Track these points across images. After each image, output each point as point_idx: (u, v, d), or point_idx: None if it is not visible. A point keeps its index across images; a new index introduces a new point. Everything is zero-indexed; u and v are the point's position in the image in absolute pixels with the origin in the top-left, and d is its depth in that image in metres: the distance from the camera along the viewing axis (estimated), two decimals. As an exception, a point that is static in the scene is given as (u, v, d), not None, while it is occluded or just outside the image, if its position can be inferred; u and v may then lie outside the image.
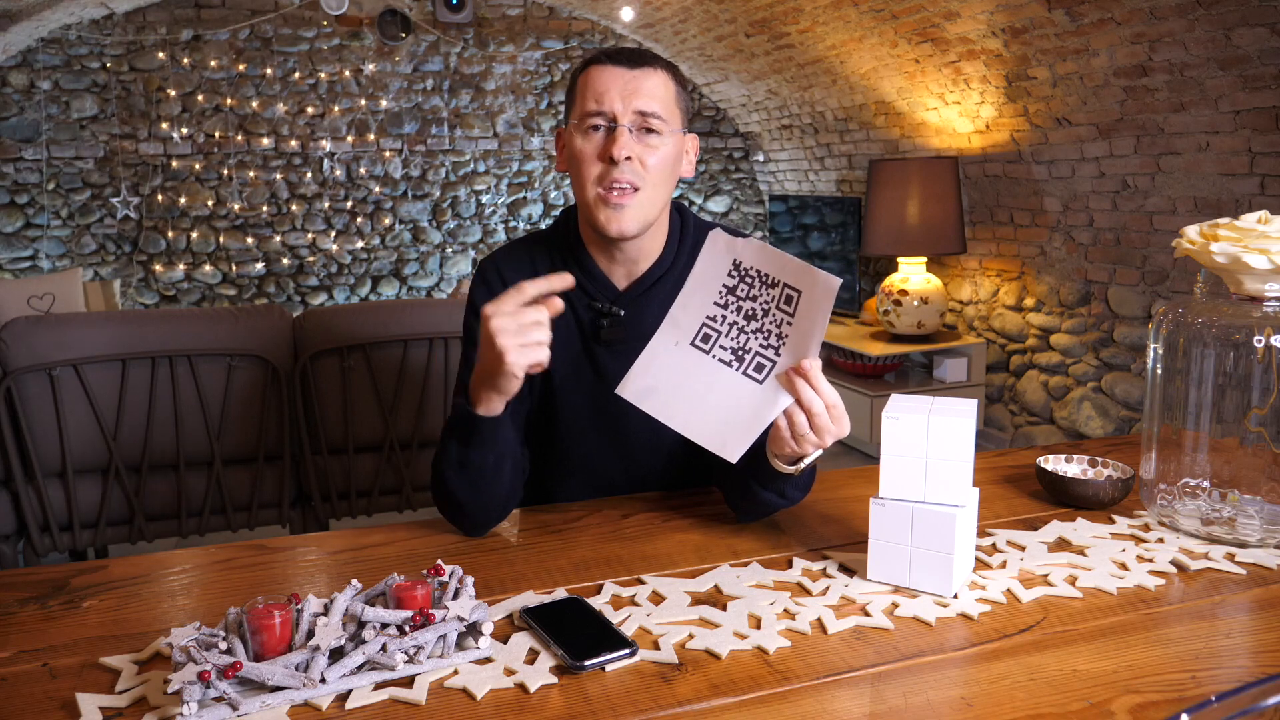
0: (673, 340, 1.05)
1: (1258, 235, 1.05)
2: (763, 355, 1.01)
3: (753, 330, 1.02)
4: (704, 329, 1.04)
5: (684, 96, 1.25)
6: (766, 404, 1.00)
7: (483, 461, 1.13)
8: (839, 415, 1.02)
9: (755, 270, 1.02)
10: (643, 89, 1.18)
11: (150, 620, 0.95)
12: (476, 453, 1.13)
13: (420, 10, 5.39)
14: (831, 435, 1.02)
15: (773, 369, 1.01)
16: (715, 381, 1.02)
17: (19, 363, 2.20)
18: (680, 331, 1.05)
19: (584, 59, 1.24)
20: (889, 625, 0.92)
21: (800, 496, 1.18)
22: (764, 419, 1.00)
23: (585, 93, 1.20)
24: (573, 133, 1.21)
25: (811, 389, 0.99)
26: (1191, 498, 1.15)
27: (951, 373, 4.28)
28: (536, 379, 1.30)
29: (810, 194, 5.52)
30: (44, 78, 4.89)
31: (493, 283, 1.29)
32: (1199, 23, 2.77)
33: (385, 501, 2.59)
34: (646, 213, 1.21)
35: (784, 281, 1.00)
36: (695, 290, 1.05)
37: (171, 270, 5.25)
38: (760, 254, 1.02)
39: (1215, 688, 0.81)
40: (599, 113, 1.18)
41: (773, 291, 1.01)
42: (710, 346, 1.04)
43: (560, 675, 0.83)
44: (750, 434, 1.00)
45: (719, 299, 1.04)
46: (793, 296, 0.99)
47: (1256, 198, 2.96)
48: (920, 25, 3.76)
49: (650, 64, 1.20)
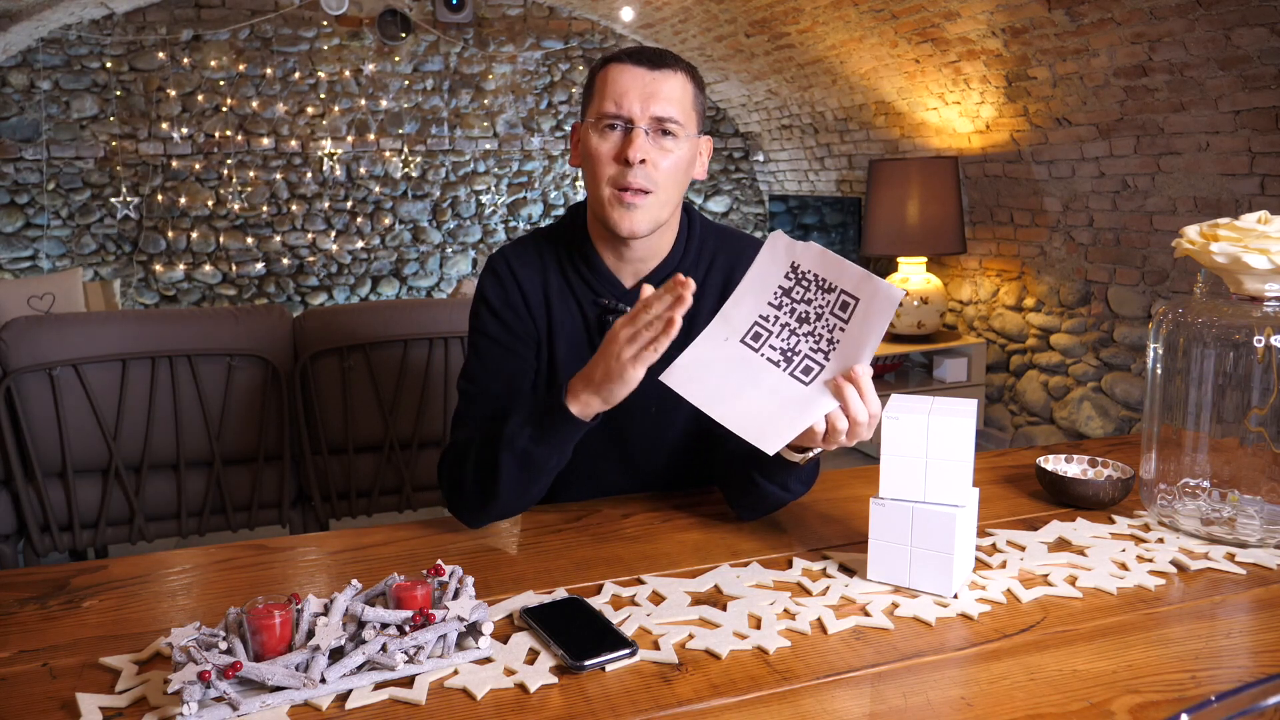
0: (723, 336, 1.05)
1: (1258, 235, 1.05)
2: (811, 359, 1.01)
3: (804, 333, 1.02)
4: (755, 327, 1.04)
5: (701, 100, 1.25)
6: (810, 405, 1.00)
7: (546, 460, 1.12)
8: (875, 425, 1.02)
9: (814, 274, 1.02)
10: (661, 92, 1.18)
11: (150, 620, 0.95)
12: (547, 449, 1.12)
13: (420, 10, 5.39)
14: (860, 440, 1.02)
15: (820, 373, 1.00)
16: (760, 378, 1.02)
17: (19, 363, 2.20)
18: (730, 328, 1.05)
19: (605, 56, 1.24)
20: (889, 625, 0.92)
21: (801, 491, 1.18)
22: (806, 419, 1.00)
23: (604, 92, 1.20)
24: (589, 130, 1.22)
25: (860, 399, 0.99)
26: (1191, 498, 1.15)
27: (951, 373, 4.28)
28: (542, 375, 1.31)
29: (810, 194, 5.52)
30: (44, 78, 4.89)
31: (502, 275, 1.29)
32: (1199, 23, 2.77)
33: (385, 501, 2.59)
34: (658, 214, 1.21)
35: (842, 288, 1.00)
36: (750, 289, 1.05)
37: (171, 270, 5.25)
38: (821, 259, 1.02)
39: (1215, 688, 0.81)
40: (616, 114, 1.18)
41: (829, 297, 1.01)
42: (760, 345, 1.04)
43: (560, 675, 0.83)
44: (791, 431, 0.99)
45: (773, 299, 1.04)
46: (849, 304, 0.99)
47: (1256, 198, 2.96)
48: (920, 25, 3.76)
49: (670, 66, 1.21)
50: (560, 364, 1.29)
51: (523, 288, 1.28)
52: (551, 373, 1.30)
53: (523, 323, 1.28)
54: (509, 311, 1.27)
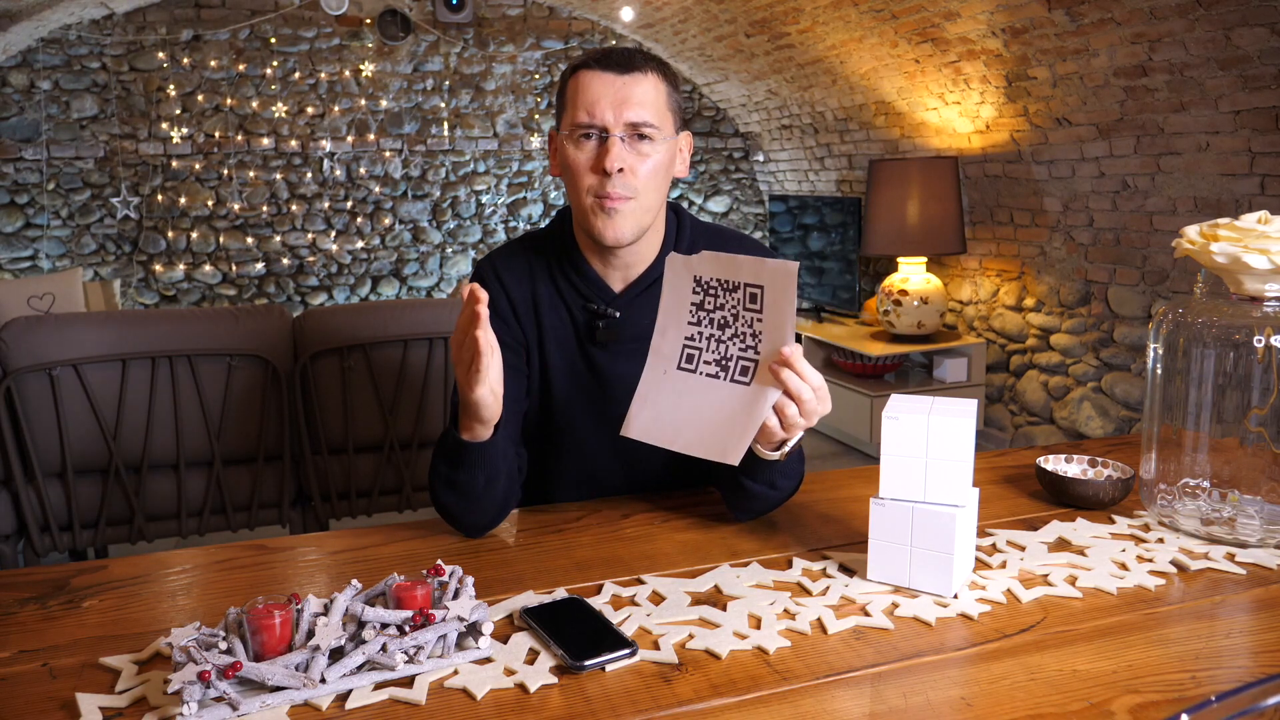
0: (661, 369, 1.07)
1: (1258, 235, 1.05)
2: (744, 358, 1.03)
3: (729, 338, 1.04)
4: (686, 350, 1.06)
5: (675, 97, 1.23)
6: (756, 402, 1.01)
7: (471, 481, 1.13)
8: (824, 395, 1.02)
9: (714, 280, 1.04)
10: (633, 97, 1.17)
11: (150, 620, 0.95)
12: (465, 473, 1.13)
13: (420, 10, 5.39)
14: (819, 415, 1.03)
15: (756, 368, 1.02)
16: (708, 396, 1.04)
17: (19, 363, 2.20)
18: (664, 360, 1.07)
19: (573, 63, 1.22)
20: (889, 625, 0.92)
21: (791, 486, 1.18)
22: (757, 418, 1.01)
23: (576, 101, 1.18)
24: (564, 141, 1.20)
25: (797, 376, 0.99)
26: (1191, 498, 1.15)
27: (951, 373, 4.29)
28: (535, 380, 1.31)
29: (810, 194, 5.52)
30: (44, 78, 4.89)
31: (489, 283, 1.29)
32: (1199, 23, 2.77)
33: (385, 501, 2.59)
34: (641, 219, 1.21)
35: (743, 282, 1.02)
36: (669, 316, 1.08)
37: (171, 270, 5.25)
38: (714, 263, 1.04)
39: (1215, 688, 0.81)
40: (590, 124, 1.17)
41: (736, 295, 1.03)
42: (695, 365, 1.06)
43: (560, 675, 0.83)
44: (747, 435, 1.01)
45: (691, 318, 1.06)
46: (756, 294, 1.01)
47: (1256, 198, 2.96)
48: (920, 25, 3.76)
49: (640, 67, 1.19)
50: (553, 370, 1.29)
51: (510, 295, 1.28)
52: (545, 379, 1.30)
53: (510, 330, 1.28)
54: (496, 320, 1.26)
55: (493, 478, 1.14)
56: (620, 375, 1.27)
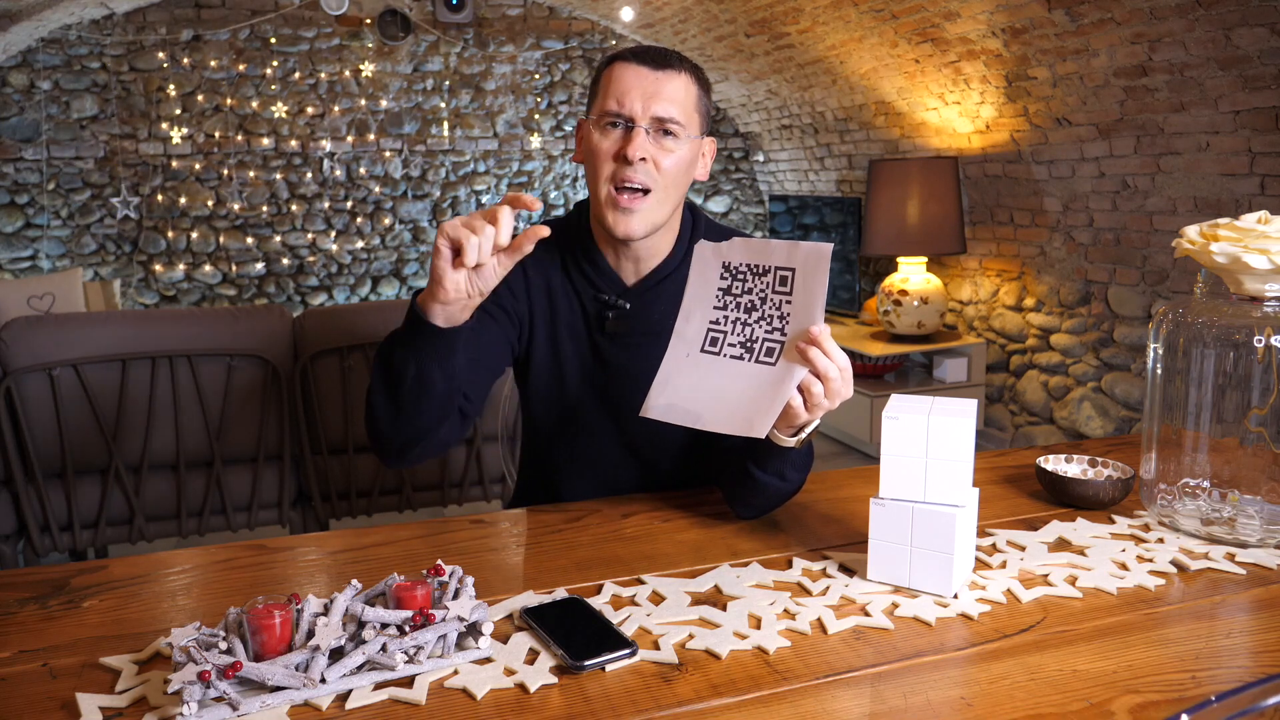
0: (683, 353, 1.07)
1: (1258, 235, 1.05)
2: (769, 340, 1.03)
3: (755, 320, 1.04)
4: (710, 334, 1.06)
5: (705, 101, 1.26)
6: (783, 380, 1.01)
7: (405, 369, 1.09)
8: (849, 378, 1.02)
9: (745, 265, 1.05)
10: (664, 92, 1.19)
11: (150, 620, 0.95)
12: (401, 353, 1.08)
13: (420, 10, 5.39)
14: (841, 398, 1.02)
15: (782, 350, 1.02)
16: (732, 376, 1.03)
17: (19, 363, 2.20)
18: (687, 344, 1.07)
19: (611, 54, 1.25)
20: (889, 625, 0.92)
21: (799, 479, 1.17)
22: (784, 394, 1.00)
23: (607, 90, 1.21)
24: (591, 127, 1.23)
25: (825, 356, 0.99)
26: (1191, 498, 1.15)
27: (951, 373, 4.28)
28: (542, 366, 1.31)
29: (810, 194, 5.52)
30: (44, 78, 4.89)
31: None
32: (1199, 23, 2.77)
33: (385, 501, 2.59)
34: (655, 216, 1.22)
35: (774, 265, 1.02)
36: (694, 302, 1.08)
37: (171, 270, 5.25)
38: (746, 248, 1.05)
39: (1215, 688, 0.81)
40: (618, 113, 1.19)
41: (765, 279, 1.03)
42: (720, 348, 1.05)
43: (560, 675, 0.83)
44: (773, 409, 1.00)
45: (717, 303, 1.06)
46: (787, 276, 1.02)
47: (1256, 198, 2.96)
48: (920, 25, 3.76)
49: (674, 66, 1.21)
50: (564, 358, 1.31)
51: (527, 272, 1.29)
52: (557, 367, 1.31)
53: (515, 299, 1.29)
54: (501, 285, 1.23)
55: (424, 382, 1.09)
56: (627, 367, 1.29)
